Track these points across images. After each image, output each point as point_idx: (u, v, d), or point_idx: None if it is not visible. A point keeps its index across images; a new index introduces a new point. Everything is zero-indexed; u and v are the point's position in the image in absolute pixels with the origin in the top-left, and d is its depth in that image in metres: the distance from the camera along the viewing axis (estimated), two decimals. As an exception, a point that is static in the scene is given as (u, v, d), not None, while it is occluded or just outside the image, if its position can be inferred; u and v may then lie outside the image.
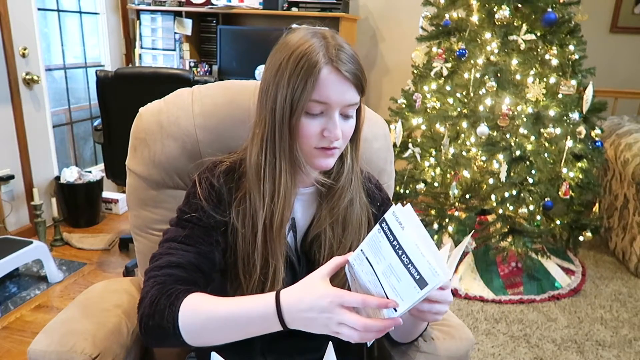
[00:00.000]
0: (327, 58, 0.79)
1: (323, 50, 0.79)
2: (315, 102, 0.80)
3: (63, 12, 3.22)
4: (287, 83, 0.80)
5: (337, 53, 0.79)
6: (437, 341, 0.94)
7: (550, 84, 2.37)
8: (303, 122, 0.81)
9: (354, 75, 0.80)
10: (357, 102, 0.83)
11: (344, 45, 0.82)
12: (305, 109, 0.80)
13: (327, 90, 0.79)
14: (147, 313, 0.78)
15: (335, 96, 0.80)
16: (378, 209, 0.98)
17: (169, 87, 1.23)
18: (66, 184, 2.99)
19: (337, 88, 0.79)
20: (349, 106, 0.82)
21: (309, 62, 0.78)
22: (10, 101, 2.71)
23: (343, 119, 0.83)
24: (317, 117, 0.81)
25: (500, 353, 1.98)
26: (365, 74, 0.83)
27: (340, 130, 0.81)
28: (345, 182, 0.91)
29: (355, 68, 0.81)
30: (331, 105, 0.80)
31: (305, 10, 3.25)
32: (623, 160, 2.72)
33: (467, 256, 2.53)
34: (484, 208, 2.63)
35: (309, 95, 0.79)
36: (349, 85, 0.80)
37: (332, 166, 0.87)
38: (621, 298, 2.42)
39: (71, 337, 0.90)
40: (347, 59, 0.80)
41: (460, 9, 2.55)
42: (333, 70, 0.79)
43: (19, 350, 1.93)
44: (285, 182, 0.85)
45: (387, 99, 3.19)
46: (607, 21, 3.42)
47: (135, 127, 1.11)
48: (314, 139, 0.82)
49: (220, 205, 0.89)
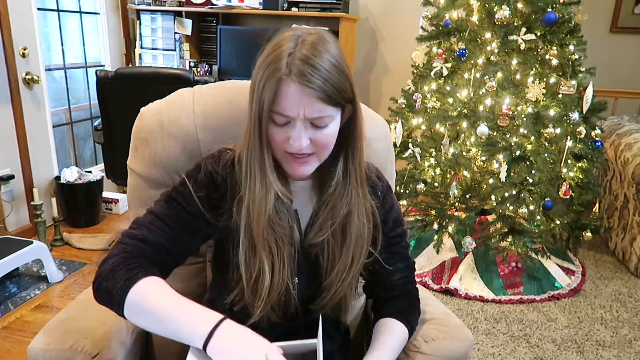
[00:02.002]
0: (287, 69, 0.76)
1: (287, 59, 0.77)
2: (277, 114, 0.79)
3: (63, 12, 3.22)
4: (257, 88, 0.80)
5: (299, 64, 0.76)
6: (437, 341, 0.94)
7: (550, 84, 2.37)
8: (271, 130, 0.82)
9: (318, 88, 0.76)
10: (327, 114, 0.80)
11: (310, 55, 0.77)
12: (271, 117, 0.80)
13: (285, 103, 0.77)
14: (104, 275, 0.81)
15: (294, 109, 0.78)
16: (381, 202, 0.97)
17: (169, 87, 1.23)
18: (66, 184, 2.99)
19: (295, 102, 0.77)
20: (316, 119, 0.79)
21: (272, 70, 0.77)
22: (10, 101, 2.71)
23: (314, 128, 0.81)
24: (284, 126, 0.81)
25: (500, 353, 1.98)
26: (338, 84, 0.79)
27: (304, 141, 0.80)
28: (337, 191, 0.89)
29: (320, 79, 0.76)
30: (293, 117, 0.79)
31: (305, 10, 3.26)
32: (623, 160, 2.72)
33: (467, 256, 2.53)
34: (484, 208, 2.63)
35: (270, 105, 0.78)
36: (310, 97, 0.76)
37: (308, 174, 0.87)
38: (621, 298, 2.42)
39: (71, 336, 0.91)
40: (309, 70, 0.76)
41: (460, 9, 2.55)
42: (291, 83, 0.76)
43: (19, 350, 1.93)
44: (260, 191, 0.85)
45: (387, 99, 3.19)
46: (607, 21, 3.43)
47: (137, 127, 1.11)
48: (282, 145, 0.82)
49: (218, 193, 0.89)
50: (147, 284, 0.79)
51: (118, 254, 0.82)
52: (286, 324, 0.94)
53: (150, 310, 0.77)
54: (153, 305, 0.77)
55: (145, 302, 0.77)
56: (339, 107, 0.82)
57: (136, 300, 0.78)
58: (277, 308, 0.91)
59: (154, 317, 0.77)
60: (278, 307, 0.91)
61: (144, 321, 0.78)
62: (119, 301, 0.78)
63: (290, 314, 0.94)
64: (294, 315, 0.94)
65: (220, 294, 0.94)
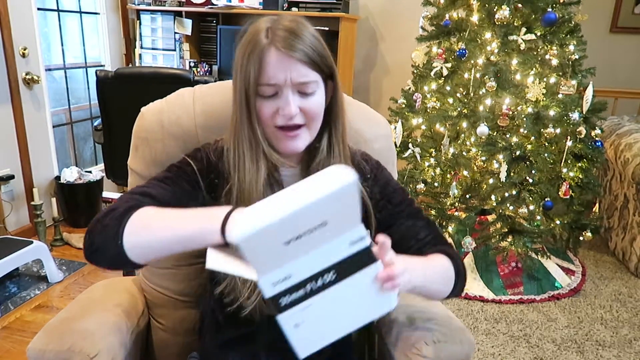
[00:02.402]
0: (268, 39, 0.80)
1: (265, 33, 0.81)
2: (264, 85, 0.81)
3: (63, 12, 3.22)
4: (239, 69, 0.83)
5: (279, 33, 0.81)
6: (439, 344, 0.94)
7: (550, 84, 2.37)
8: (259, 105, 0.83)
9: (301, 52, 0.80)
10: (311, 80, 0.83)
11: (291, 26, 0.82)
12: (258, 92, 0.82)
13: (271, 71, 0.80)
14: (102, 215, 0.78)
15: (280, 75, 0.80)
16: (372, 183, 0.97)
17: (169, 87, 1.23)
18: (66, 183, 2.99)
19: (281, 67, 0.80)
20: (302, 84, 0.82)
21: (252, 46, 0.81)
22: (10, 101, 2.71)
23: (301, 96, 0.83)
24: (271, 98, 0.83)
25: (500, 353, 1.98)
26: (321, 52, 0.83)
27: (294, 107, 0.82)
28: (323, 163, 0.91)
29: (303, 45, 0.81)
30: (280, 85, 0.81)
31: (305, 10, 3.26)
32: (623, 160, 2.72)
33: (467, 256, 2.53)
34: (484, 208, 2.63)
35: (257, 79, 0.81)
36: (295, 62, 0.80)
37: (301, 149, 0.87)
38: (621, 298, 2.42)
39: (70, 336, 0.90)
40: (290, 37, 0.80)
41: (460, 9, 2.55)
42: (274, 51, 0.80)
43: (19, 350, 1.93)
44: (250, 165, 0.86)
45: (387, 99, 3.19)
46: (607, 21, 3.42)
47: (137, 126, 1.11)
48: (271, 119, 0.84)
49: (213, 175, 0.91)
50: (147, 209, 0.77)
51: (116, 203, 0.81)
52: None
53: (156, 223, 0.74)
54: (158, 217, 0.75)
55: (148, 218, 0.75)
56: (322, 75, 0.85)
57: (137, 219, 0.75)
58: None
59: (160, 229, 0.73)
60: None
61: (145, 234, 0.73)
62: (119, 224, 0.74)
63: None
64: None
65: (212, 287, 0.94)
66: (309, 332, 0.60)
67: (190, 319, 1.15)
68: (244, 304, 0.87)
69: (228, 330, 0.96)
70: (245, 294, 0.87)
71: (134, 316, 1.07)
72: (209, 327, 1.01)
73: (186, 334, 1.17)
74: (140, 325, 1.09)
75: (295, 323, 0.60)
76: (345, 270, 0.59)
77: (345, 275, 0.59)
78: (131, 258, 0.75)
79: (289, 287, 0.58)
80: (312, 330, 0.60)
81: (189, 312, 1.16)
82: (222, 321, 0.96)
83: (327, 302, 0.59)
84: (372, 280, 0.60)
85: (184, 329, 1.16)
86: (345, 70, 3.39)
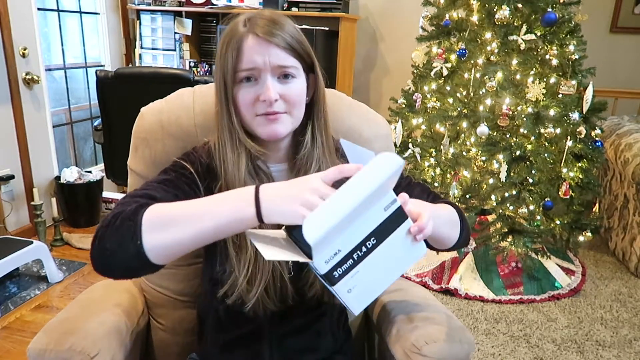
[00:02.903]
0: (246, 28, 0.83)
1: (243, 22, 0.84)
2: (243, 71, 0.83)
3: (63, 12, 3.22)
4: (218, 60, 0.85)
5: (259, 22, 0.83)
6: (438, 344, 0.94)
7: (550, 84, 2.37)
8: (238, 94, 0.84)
9: (279, 38, 0.82)
10: (290, 65, 0.84)
11: (271, 16, 0.85)
12: (237, 79, 0.83)
13: (249, 56, 0.82)
14: (108, 220, 0.71)
15: (258, 58, 0.82)
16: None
17: (169, 87, 1.23)
18: (66, 184, 2.99)
19: (260, 51, 0.82)
20: (281, 67, 0.83)
21: (230, 36, 0.84)
22: (10, 101, 2.71)
23: (281, 82, 0.84)
24: (251, 85, 0.84)
25: (500, 353, 1.98)
26: (300, 40, 0.86)
27: (273, 92, 0.82)
28: (307, 154, 0.91)
29: (281, 32, 0.83)
30: (260, 69, 0.82)
31: (305, 10, 3.25)
32: (623, 160, 2.72)
33: (467, 256, 2.53)
34: (484, 208, 2.62)
35: (235, 66, 0.82)
36: (273, 47, 0.82)
37: (282, 135, 0.87)
38: (621, 298, 2.42)
39: (70, 336, 0.90)
40: (269, 24, 0.83)
41: (460, 9, 2.55)
42: (252, 36, 0.82)
43: (19, 350, 1.93)
44: (232, 157, 0.87)
45: (387, 99, 3.19)
46: (607, 21, 3.43)
47: (137, 126, 1.11)
48: (251, 106, 0.84)
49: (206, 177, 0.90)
50: (160, 205, 0.73)
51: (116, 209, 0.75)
52: (282, 309, 0.91)
53: (176, 215, 0.69)
54: (178, 210, 0.70)
55: (167, 211, 0.70)
56: (302, 64, 0.87)
57: (154, 215, 0.70)
58: (272, 293, 0.88)
59: (183, 220, 0.68)
60: (274, 292, 0.88)
61: (173, 230, 0.68)
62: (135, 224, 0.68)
63: (284, 297, 0.91)
64: (287, 299, 0.91)
65: (213, 286, 0.93)
66: (360, 293, 0.67)
67: (190, 319, 1.15)
68: (246, 299, 0.87)
69: (230, 329, 0.96)
70: (246, 288, 0.86)
71: (134, 316, 1.07)
72: (210, 328, 1.00)
73: (186, 334, 1.17)
74: (140, 325, 1.09)
75: (348, 289, 0.66)
76: (383, 233, 0.66)
77: (383, 237, 0.66)
78: (151, 258, 0.69)
79: (339, 261, 0.64)
80: (361, 291, 0.67)
81: (188, 312, 1.16)
82: (224, 320, 0.96)
83: (371, 264, 0.66)
84: (405, 235, 0.67)
85: (183, 329, 1.17)
86: (345, 70, 3.39)
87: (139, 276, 0.78)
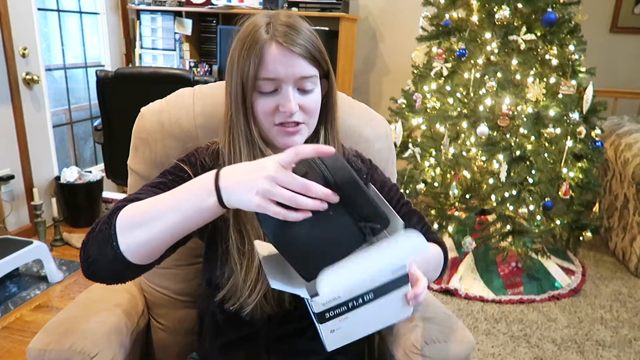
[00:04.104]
0: (269, 34, 0.80)
1: (265, 28, 0.81)
2: (265, 80, 0.81)
3: (63, 12, 3.22)
4: (236, 65, 0.82)
5: (280, 28, 0.80)
6: (438, 344, 0.94)
7: (550, 84, 2.37)
8: (257, 101, 0.83)
9: (302, 48, 0.81)
10: (312, 75, 0.83)
11: (290, 21, 0.82)
12: (257, 87, 0.82)
13: (272, 66, 0.80)
14: (91, 228, 0.75)
15: (282, 70, 0.80)
16: (365, 180, 0.97)
17: (169, 87, 1.23)
18: (66, 184, 2.98)
19: (283, 61, 0.80)
20: (302, 79, 0.82)
21: (252, 41, 0.81)
22: (10, 101, 2.71)
23: (301, 93, 0.83)
24: (271, 94, 0.82)
25: (500, 353, 1.98)
26: (319, 48, 0.84)
27: (294, 104, 0.81)
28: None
29: (303, 41, 0.81)
30: (281, 80, 0.81)
31: (305, 10, 3.26)
32: (623, 160, 2.72)
33: (467, 256, 2.53)
34: (484, 208, 2.63)
35: (256, 73, 0.80)
36: (296, 57, 0.80)
37: (299, 145, 0.85)
38: (621, 298, 2.42)
39: (70, 336, 0.90)
40: (291, 32, 0.80)
41: (460, 9, 2.55)
42: (276, 45, 0.80)
43: (19, 350, 1.93)
44: (249, 150, 0.85)
45: (387, 99, 3.19)
46: (607, 21, 3.42)
47: (137, 127, 1.11)
48: (270, 115, 0.83)
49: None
50: (132, 205, 0.74)
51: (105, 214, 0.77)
52: (280, 313, 0.91)
53: (145, 213, 0.70)
54: (147, 207, 0.71)
55: (137, 210, 0.72)
56: (320, 71, 0.85)
57: (126, 216, 0.71)
58: (269, 297, 0.88)
59: (150, 217, 0.70)
60: (272, 297, 0.88)
61: (143, 228, 0.70)
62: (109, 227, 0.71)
63: (282, 302, 0.90)
64: (284, 303, 0.90)
65: (211, 289, 0.92)
66: (340, 335, 0.71)
67: (190, 319, 1.15)
68: (244, 304, 0.86)
69: (228, 331, 0.96)
70: (246, 294, 0.86)
71: (134, 316, 1.07)
72: (209, 329, 1.00)
73: (186, 334, 1.17)
74: (140, 325, 1.09)
75: (332, 329, 0.70)
76: (382, 291, 0.69)
77: (381, 295, 0.69)
78: (130, 259, 0.71)
79: (335, 305, 0.68)
80: (343, 333, 0.71)
81: (188, 312, 1.16)
82: (222, 323, 0.95)
83: (361, 314, 0.69)
84: (400, 297, 0.70)
85: (183, 329, 1.17)
86: (345, 70, 3.39)
87: (129, 279, 0.78)
